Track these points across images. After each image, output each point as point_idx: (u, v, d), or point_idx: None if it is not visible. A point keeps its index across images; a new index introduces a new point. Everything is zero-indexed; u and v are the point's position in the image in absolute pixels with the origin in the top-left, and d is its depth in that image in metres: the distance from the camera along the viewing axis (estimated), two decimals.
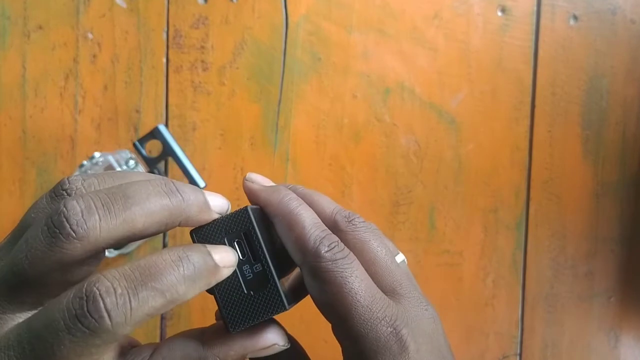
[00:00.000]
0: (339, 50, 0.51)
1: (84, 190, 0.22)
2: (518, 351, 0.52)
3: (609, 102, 0.52)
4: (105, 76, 0.51)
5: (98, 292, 0.18)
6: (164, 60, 0.51)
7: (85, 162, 0.47)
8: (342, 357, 0.27)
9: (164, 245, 0.51)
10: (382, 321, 0.23)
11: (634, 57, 0.52)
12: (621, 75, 0.52)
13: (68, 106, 0.50)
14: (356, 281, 0.23)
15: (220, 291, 0.25)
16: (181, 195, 0.22)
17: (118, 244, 0.21)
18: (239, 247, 0.25)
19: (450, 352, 0.25)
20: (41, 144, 0.50)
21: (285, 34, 0.51)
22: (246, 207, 0.25)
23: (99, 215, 0.20)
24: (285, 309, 0.25)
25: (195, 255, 0.21)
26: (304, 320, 0.49)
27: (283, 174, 0.51)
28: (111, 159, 0.47)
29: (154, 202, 0.21)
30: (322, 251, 0.24)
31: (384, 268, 0.25)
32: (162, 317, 0.51)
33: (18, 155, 0.50)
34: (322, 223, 0.25)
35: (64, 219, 0.20)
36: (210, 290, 0.24)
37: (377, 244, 0.26)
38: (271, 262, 0.25)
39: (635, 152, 0.53)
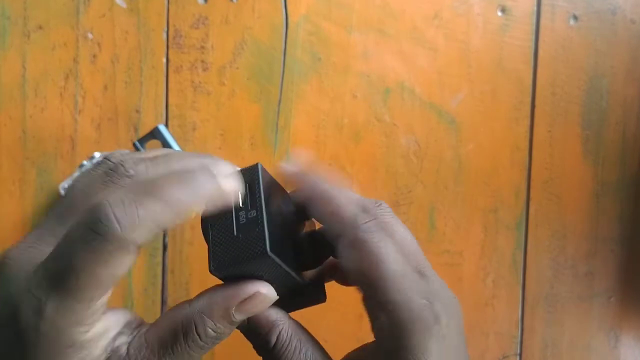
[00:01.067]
0: (339, 50, 0.51)
1: (130, 180, 0.23)
2: (518, 351, 0.52)
3: (609, 102, 0.52)
4: (105, 76, 0.51)
5: (107, 203, 0.20)
6: (164, 60, 0.51)
7: (85, 162, 0.47)
8: (341, 357, 0.27)
9: (164, 245, 0.51)
10: (417, 292, 0.24)
11: (634, 57, 0.52)
12: (621, 75, 0.52)
13: (68, 106, 0.50)
14: (391, 253, 0.24)
15: (213, 231, 0.24)
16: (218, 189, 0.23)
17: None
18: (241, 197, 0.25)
19: (464, 340, 0.26)
20: (41, 144, 0.50)
21: (285, 34, 0.51)
22: (257, 163, 0.26)
23: (141, 216, 0.21)
24: (266, 254, 0.23)
25: (201, 176, 0.22)
26: (305, 319, 0.49)
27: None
28: None
29: (196, 204, 0.23)
30: (360, 222, 0.25)
31: (412, 250, 0.26)
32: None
33: (18, 155, 0.50)
34: (355, 202, 0.26)
35: (107, 223, 0.20)
36: (205, 231, 0.25)
37: (404, 228, 0.27)
38: (266, 210, 0.24)
39: (635, 152, 0.53)
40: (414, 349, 0.23)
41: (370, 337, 0.25)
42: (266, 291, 0.24)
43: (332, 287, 0.28)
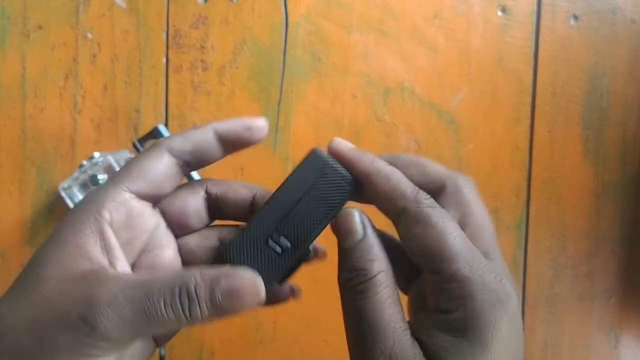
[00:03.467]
0: (339, 50, 0.51)
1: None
2: None
3: (609, 101, 0.52)
4: (105, 76, 0.50)
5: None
6: (164, 60, 0.51)
7: (84, 162, 0.47)
8: (341, 357, 0.27)
9: None
10: (486, 267, 0.24)
11: (634, 56, 0.52)
12: (621, 75, 0.52)
13: (68, 106, 0.50)
14: (457, 228, 0.25)
15: (252, 226, 0.26)
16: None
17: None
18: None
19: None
20: (41, 144, 0.50)
21: (285, 34, 0.51)
22: (315, 148, 0.26)
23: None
24: (277, 283, 0.25)
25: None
26: (304, 320, 0.49)
27: (283, 174, 0.51)
28: (111, 159, 0.47)
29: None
30: (422, 198, 0.25)
31: (479, 231, 0.26)
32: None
33: (18, 155, 0.50)
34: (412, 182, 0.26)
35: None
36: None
37: (477, 207, 0.27)
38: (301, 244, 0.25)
39: (635, 152, 0.53)
40: (486, 321, 0.23)
41: None
42: (259, 292, 0.24)
43: (333, 288, 0.28)
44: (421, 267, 0.25)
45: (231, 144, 0.27)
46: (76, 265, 0.23)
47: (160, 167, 0.26)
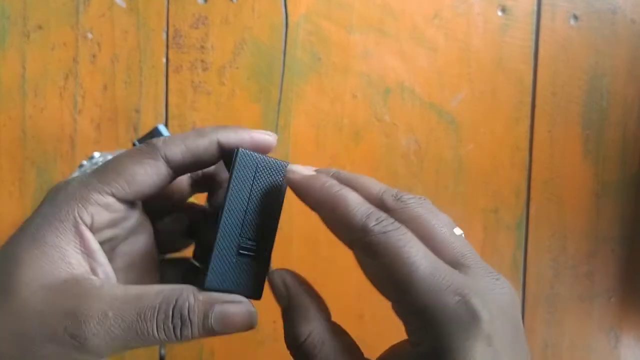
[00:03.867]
0: (339, 50, 0.51)
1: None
2: None
3: (609, 102, 0.52)
4: (105, 76, 0.50)
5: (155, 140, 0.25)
6: (164, 60, 0.51)
7: (84, 162, 0.47)
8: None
9: None
10: (448, 289, 0.21)
11: (634, 56, 0.52)
12: (621, 75, 0.52)
13: (68, 106, 0.50)
14: (413, 249, 0.22)
15: (220, 240, 0.25)
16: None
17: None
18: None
19: (524, 335, 0.23)
20: (41, 144, 0.50)
21: (285, 34, 0.51)
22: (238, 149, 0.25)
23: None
24: (259, 298, 0.25)
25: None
26: None
27: None
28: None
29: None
30: (370, 225, 0.22)
31: (442, 240, 0.23)
32: None
33: (18, 155, 0.50)
34: (367, 202, 0.24)
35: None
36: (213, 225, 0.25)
37: (432, 217, 0.24)
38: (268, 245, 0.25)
39: (635, 152, 0.53)
40: (453, 354, 0.20)
41: (371, 340, 0.25)
42: (252, 320, 0.24)
43: (332, 287, 0.28)
44: (385, 297, 0.23)
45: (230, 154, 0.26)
46: (57, 271, 0.22)
47: (153, 177, 0.25)
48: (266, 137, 0.26)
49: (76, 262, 0.23)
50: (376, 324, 0.50)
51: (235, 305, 0.24)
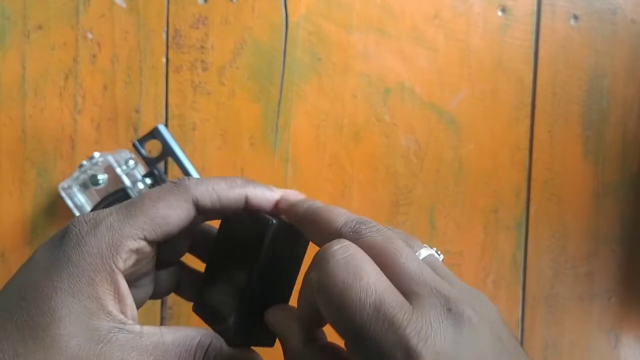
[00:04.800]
0: (339, 50, 0.51)
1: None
2: None
3: (609, 102, 0.52)
4: (105, 76, 0.50)
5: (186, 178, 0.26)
6: (164, 60, 0.51)
7: (85, 162, 0.47)
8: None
9: None
10: (390, 328, 0.19)
11: (634, 57, 0.52)
12: (621, 75, 0.52)
13: (68, 106, 0.50)
14: (362, 281, 0.21)
15: (212, 265, 0.28)
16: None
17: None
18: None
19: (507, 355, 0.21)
20: (41, 144, 0.50)
21: (285, 34, 0.51)
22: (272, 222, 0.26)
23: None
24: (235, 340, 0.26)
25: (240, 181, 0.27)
26: None
27: (283, 174, 0.51)
28: (111, 159, 0.47)
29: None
30: (313, 264, 0.23)
31: (397, 267, 0.22)
32: (163, 303, 0.51)
33: (18, 155, 0.50)
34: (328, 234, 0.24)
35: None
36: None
37: (388, 244, 0.23)
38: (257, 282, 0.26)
39: (635, 152, 0.53)
40: None
41: None
42: None
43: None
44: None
45: (253, 208, 0.27)
46: (97, 322, 0.22)
47: (183, 220, 0.25)
48: (297, 197, 0.27)
49: (115, 310, 0.23)
50: None
51: None
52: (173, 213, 0.25)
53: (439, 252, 0.27)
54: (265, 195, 0.27)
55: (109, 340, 0.22)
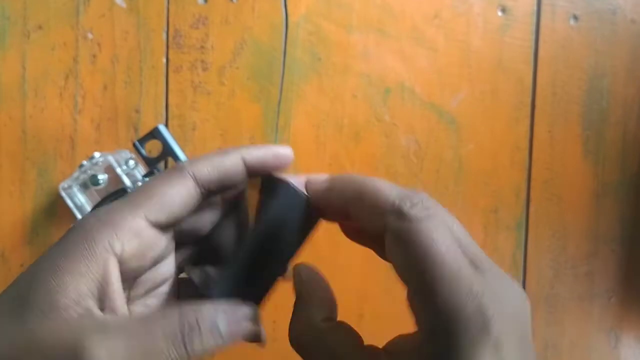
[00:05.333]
0: (339, 50, 0.51)
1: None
2: None
3: (609, 102, 0.52)
4: (105, 76, 0.50)
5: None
6: (164, 60, 0.51)
7: (85, 162, 0.47)
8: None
9: None
10: (469, 293, 0.21)
11: (634, 57, 0.52)
12: (621, 75, 0.52)
13: (68, 106, 0.50)
14: (445, 243, 0.21)
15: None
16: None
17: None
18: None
19: (532, 340, 0.23)
20: (41, 144, 0.50)
21: (285, 34, 0.51)
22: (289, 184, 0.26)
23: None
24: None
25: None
26: None
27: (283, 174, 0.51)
28: (111, 159, 0.47)
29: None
30: (405, 208, 0.22)
31: (465, 241, 0.23)
32: None
33: (18, 155, 0.50)
34: (397, 186, 0.24)
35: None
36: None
37: (453, 218, 0.23)
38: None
39: (635, 152, 0.53)
40: (460, 357, 0.20)
41: (371, 340, 0.25)
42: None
43: (333, 288, 0.28)
44: (404, 285, 0.23)
45: (255, 171, 0.26)
46: (65, 301, 0.21)
47: (184, 196, 0.24)
48: (287, 151, 0.27)
49: (88, 292, 0.21)
50: (376, 324, 0.50)
51: (241, 307, 0.24)
52: (171, 190, 0.24)
53: None
54: (261, 152, 0.26)
55: (75, 323, 0.21)
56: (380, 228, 0.23)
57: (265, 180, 0.27)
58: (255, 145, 0.27)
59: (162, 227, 0.24)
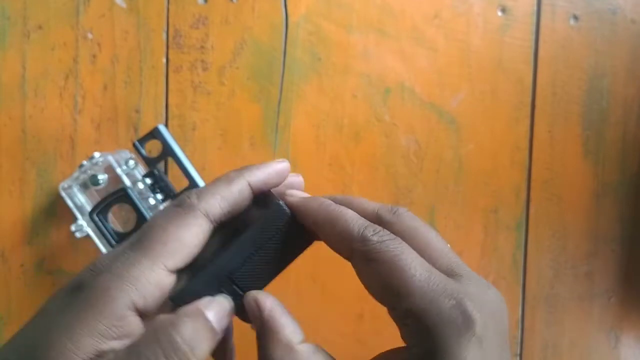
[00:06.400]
0: (339, 50, 0.51)
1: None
2: (518, 351, 0.52)
3: (609, 102, 0.52)
4: (105, 76, 0.50)
5: (185, 195, 0.26)
6: (164, 60, 0.51)
7: (85, 162, 0.47)
8: (340, 357, 0.27)
9: None
10: (444, 294, 0.22)
11: (634, 57, 0.52)
12: (621, 75, 0.52)
13: (68, 106, 0.50)
14: (409, 257, 0.23)
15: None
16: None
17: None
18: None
19: (508, 340, 0.24)
20: (41, 144, 0.50)
21: (285, 34, 0.51)
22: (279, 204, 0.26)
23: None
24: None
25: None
26: (304, 319, 0.49)
27: None
28: (111, 159, 0.47)
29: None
30: (369, 235, 0.23)
31: (438, 250, 0.24)
32: None
33: (18, 155, 0.50)
34: (362, 217, 0.25)
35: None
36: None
37: (427, 230, 0.25)
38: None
39: (635, 152, 0.53)
40: (447, 355, 0.21)
41: (371, 340, 0.25)
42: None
43: (332, 287, 0.28)
44: (382, 304, 0.24)
45: (259, 191, 0.27)
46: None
47: (199, 237, 0.24)
48: (285, 165, 0.28)
49: (110, 350, 0.21)
50: (376, 324, 0.50)
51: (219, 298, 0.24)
52: (187, 233, 0.24)
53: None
54: (264, 172, 0.27)
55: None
56: (348, 252, 0.24)
57: (256, 196, 0.27)
58: (255, 166, 0.27)
59: (178, 269, 0.24)
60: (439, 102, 0.52)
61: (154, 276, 0.22)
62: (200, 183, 0.47)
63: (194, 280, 0.25)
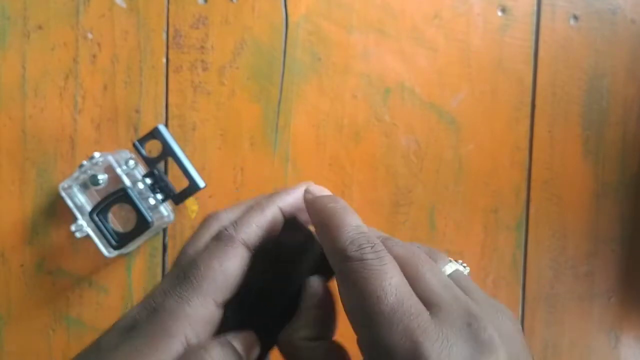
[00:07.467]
0: (339, 50, 0.51)
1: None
2: None
3: (609, 102, 0.52)
4: (105, 76, 0.50)
5: (222, 227, 0.26)
6: (164, 60, 0.51)
7: (85, 162, 0.47)
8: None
9: (164, 245, 0.51)
10: (403, 332, 0.19)
11: (634, 57, 0.52)
12: (621, 75, 0.52)
13: (68, 106, 0.50)
14: (383, 284, 0.21)
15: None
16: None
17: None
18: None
19: None
20: (41, 144, 0.50)
21: (285, 34, 0.51)
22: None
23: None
24: None
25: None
26: None
27: (283, 174, 0.51)
28: (111, 159, 0.47)
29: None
30: (350, 250, 0.22)
31: (420, 278, 0.22)
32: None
33: (18, 155, 0.50)
34: (362, 227, 0.23)
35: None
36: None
37: (412, 256, 0.23)
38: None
39: (635, 152, 0.53)
40: None
41: None
42: None
43: (332, 287, 0.28)
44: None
45: (290, 215, 0.27)
46: None
47: (242, 267, 0.25)
48: (314, 189, 0.28)
49: None
50: None
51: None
52: (231, 265, 0.24)
53: (464, 265, 0.26)
54: (294, 196, 0.27)
55: None
56: (332, 266, 0.23)
57: (287, 221, 0.27)
58: (284, 191, 0.27)
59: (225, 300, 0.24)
60: (439, 102, 0.52)
61: (206, 313, 0.23)
62: (200, 183, 0.47)
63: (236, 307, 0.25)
